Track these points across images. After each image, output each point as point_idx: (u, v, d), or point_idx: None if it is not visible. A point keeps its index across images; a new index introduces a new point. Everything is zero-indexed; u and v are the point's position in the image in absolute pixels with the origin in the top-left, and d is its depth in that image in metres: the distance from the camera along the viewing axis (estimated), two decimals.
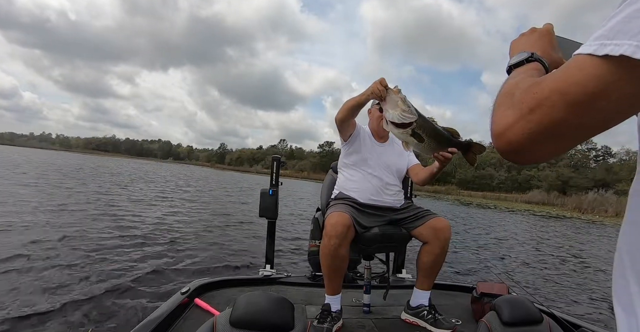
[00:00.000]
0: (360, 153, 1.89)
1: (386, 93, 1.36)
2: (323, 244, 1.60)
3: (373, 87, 1.43)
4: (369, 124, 2.01)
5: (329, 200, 1.99)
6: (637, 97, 0.33)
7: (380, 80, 1.42)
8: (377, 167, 1.88)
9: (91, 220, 5.95)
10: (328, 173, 2.28)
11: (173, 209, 8.72)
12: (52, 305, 2.57)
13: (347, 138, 1.89)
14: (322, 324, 1.56)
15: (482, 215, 16.44)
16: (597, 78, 0.33)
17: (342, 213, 1.62)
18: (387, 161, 1.92)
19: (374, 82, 1.44)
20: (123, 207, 7.82)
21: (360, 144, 1.90)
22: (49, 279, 3.08)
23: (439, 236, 1.71)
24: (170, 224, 6.43)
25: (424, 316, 1.73)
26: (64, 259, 3.70)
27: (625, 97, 0.33)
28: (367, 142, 1.92)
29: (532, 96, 0.38)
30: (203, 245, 5.07)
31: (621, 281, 0.38)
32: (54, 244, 4.24)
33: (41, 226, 5.12)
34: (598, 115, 0.34)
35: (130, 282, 3.19)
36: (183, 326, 1.50)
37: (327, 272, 1.64)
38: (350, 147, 1.91)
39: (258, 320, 0.92)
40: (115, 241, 4.69)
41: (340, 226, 1.57)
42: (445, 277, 4.32)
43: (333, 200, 1.91)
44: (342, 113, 1.72)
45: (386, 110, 1.32)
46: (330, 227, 1.58)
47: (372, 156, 1.89)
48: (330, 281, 1.65)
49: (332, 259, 1.59)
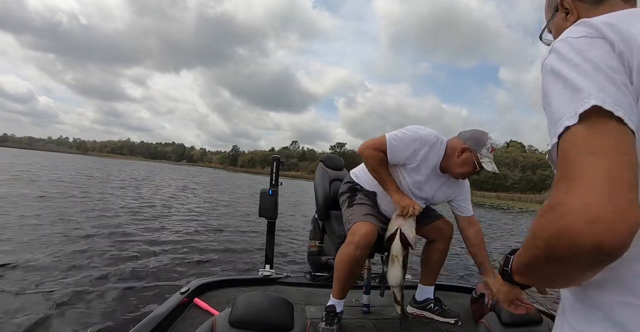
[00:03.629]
0: (412, 174, 1.63)
1: (414, 214, 1.52)
2: (347, 252, 1.54)
3: (409, 204, 1.52)
4: (447, 156, 1.61)
5: (327, 196, 1.95)
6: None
7: (418, 205, 1.53)
8: (421, 194, 1.69)
9: (91, 220, 6.05)
10: (318, 167, 2.15)
11: (173, 209, 8.83)
12: (51, 305, 2.61)
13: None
14: (332, 326, 1.55)
15: (492, 216, 16.23)
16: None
17: (373, 224, 1.56)
18: (435, 194, 1.70)
19: (412, 201, 1.54)
20: (123, 208, 7.95)
21: (418, 167, 1.61)
22: (49, 279, 3.13)
23: (444, 235, 1.78)
24: (169, 224, 6.51)
25: (431, 308, 1.81)
26: (63, 259, 3.76)
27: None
28: (427, 170, 1.62)
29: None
30: (203, 245, 5.11)
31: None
32: (54, 244, 4.32)
33: (41, 225, 5.23)
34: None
35: (129, 282, 3.23)
36: (182, 325, 1.50)
37: (343, 278, 1.59)
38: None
39: (257, 320, 0.93)
40: (115, 241, 4.75)
41: (371, 238, 1.53)
42: (444, 277, 4.27)
43: (356, 186, 1.77)
44: (370, 167, 1.62)
45: (403, 225, 1.50)
46: (361, 238, 1.51)
47: (423, 182, 1.64)
48: (343, 287, 1.62)
49: (352, 267, 1.56)
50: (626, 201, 0.33)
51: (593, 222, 0.32)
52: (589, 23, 0.45)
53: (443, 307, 1.81)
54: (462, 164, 1.56)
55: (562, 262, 0.36)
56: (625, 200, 0.33)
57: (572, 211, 0.34)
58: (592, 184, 0.34)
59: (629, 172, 0.35)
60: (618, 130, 0.37)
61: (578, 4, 0.60)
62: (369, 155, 1.56)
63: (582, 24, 0.45)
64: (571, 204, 0.34)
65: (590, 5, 0.58)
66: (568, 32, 0.46)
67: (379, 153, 1.55)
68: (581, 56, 0.42)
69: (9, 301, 2.63)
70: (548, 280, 0.45)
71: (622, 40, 0.41)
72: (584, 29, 0.44)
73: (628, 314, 0.40)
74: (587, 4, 0.59)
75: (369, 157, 1.57)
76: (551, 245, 0.36)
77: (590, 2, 0.58)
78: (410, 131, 1.57)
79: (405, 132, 1.56)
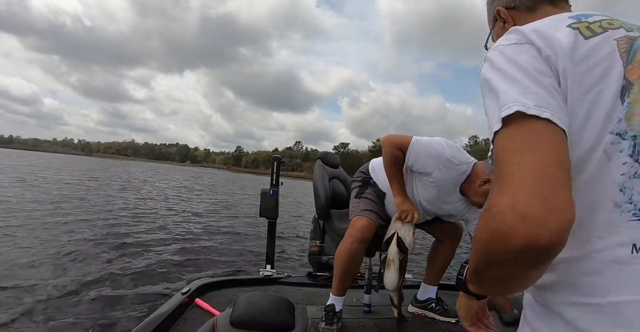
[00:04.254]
0: (427, 188, 1.57)
1: (412, 221, 1.51)
2: (344, 246, 1.56)
3: (409, 210, 1.50)
4: (470, 181, 1.52)
5: (327, 195, 1.95)
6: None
7: (418, 214, 1.51)
8: (433, 208, 1.65)
9: (91, 220, 6.10)
10: (317, 165, 2.11)
11: (173, 209, 8.87)
12: (52, 305, 2.64)
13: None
14: (331, 326, 1.55)
15: None
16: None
17: (370, 219, 1.58)
18: (449, 209, 1.65)
19: (412, 207, 1.52)
20: (124, 208, 8.00)
21: (432, 180, 1.54)
22: (50, 279, 3.16)
23: (452, 237, 1.79)
24: (170, 224, 6.54)
25: (433, 308, 1.82)
26: (64, 259, 3.79)
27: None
28: (440, 184, 1.54)
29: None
30: (203, 245, 5.13)
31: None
32: (55, 244, 4.35)
33: (42, 226, 5.28)
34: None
35: (130, 282, 3.25)
36: (183, 326, 1.50)
37: (341, 274, 1.60)
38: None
39: (258, 320, 0.92)
40: (116, 241, 4.78)
41: (368, 231, 1.56)
42: (446, 277, 4.26)
43: (370, 180, 1.74)
44: (385, 162, 1.58)
45: (400, 229, 1.49)
46: (358, 231, 1.54)
47: (438, 197, 1.59)
48: (342, 283, 1.62)
49: (351, 262, 1.57)
50: (556, 196, 0.34)
51: (523, 220, 0.33)
52: (519, 31, 0.48)
53: (444, 307, 1.82)
54: (481, 195, 1.50)
55: (501, 264, 0.36)
56: (555, 196, 0.34)
57: (503, 210, 0.34)
58: (520, 181, 0.35)
59: (558, 169, 0.35)
60: (546, 130, 0.38)
61: (513, 13, 0.65)
62: (388, 151, 1.52)
63: (513, 32, 0.49)
64: (502, 204, 0.35)
65: (524, 13, 0.63)
66: (501, 40, 0.49)
67: (398, 152, 1.50)
68: (510, 62, 0.44)
69: (10, 301, 2.65)
70: (496, 286, 0.44)
71: (548, 46, 0.44)
72: (514, 36, 0.48)
73: (577, 312, 0.41)
74: (521, 12, 0.63)
75: (387, 153, 1.53)
76: (488, 246, 0.36)
77: (523, 11, 0.63)
78: (439, 146, 1.48)
79: (435, 145, 1.48)
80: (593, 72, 0.42)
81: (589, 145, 0.42)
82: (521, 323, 0.50)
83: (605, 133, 0.41)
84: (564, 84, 0.42)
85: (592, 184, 0.41)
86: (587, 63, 0.43)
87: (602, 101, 0.42)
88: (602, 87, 0.42)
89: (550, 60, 0.43)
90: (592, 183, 0.41)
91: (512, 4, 0.64)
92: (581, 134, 0.42)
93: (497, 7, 0.67)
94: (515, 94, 0.40)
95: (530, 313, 0.48)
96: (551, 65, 0.43)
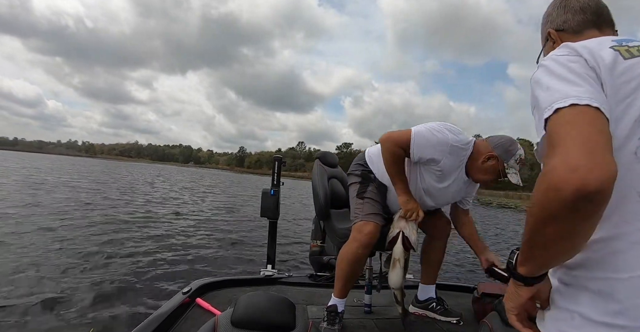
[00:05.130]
0: (436, 180, 1.55)
1: (416, 219, 1.51)
2: (349, 251, 1.55)
3: (414, 208, 1.50)
4: (472, 159, 1.51)
5: (327, 195, 1.94)
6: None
7: (422, 212, 1.52)
8: (437, 198, 1.63)
9: (91, 221, 6.12)
10: (315, 165, 2.09)
11: (174, 210, 8.88)
12: (53, 305, 2.65)
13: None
14: (333, 326, 1.55)
15: (499, 215, 16.19)
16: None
17: (377, 224, 1.56)
18: (454, 195, 1.65)
19: (417, 206, 1.52)
20: (124, 208, 8.03)
21: (442, 172, 1.52)
22: (50, 279, 3.17)
23: (442, 233, 1.78)
24: (171, 224, 6.57)
25: (433, 307, 1.81)
26: (65, 259, 3.81)
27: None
28: (451, 173, 1.53)
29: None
30: (204, 245, 5.14)
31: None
32: (55, 244, 4.37)
33: (42, 226, 5.29)
34: None
35: (131, 282, 3.26)
36: (184, 325, 1.50)
37: (345, 277, 1.59)
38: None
39: (259, 320, 0.93)
40: (116, 241, 4.81)
41: (375, 237, 1.54)
42: (446, 277, 4.25)
43: (369, 175, 1.70)
44: (385, 161, 1.55)
45: (405, 228, 1.50)
46: (365, 237, 1.52)
47: (443, 186, 1.57)
48: (345, 285, 1.62)
49: (355, 265, 1.57)
50: (600, 154, 0.41)
51: (574, 171, 0.40)
52: (569, 46, 0.57)
53: (445, 307, 1.81)
54: (485, 171, 1.48)
55: (557, 216, 0.42)
56: (599, 154, 0.41)
57: (556, 166, 0.42)
58: (571, 143, 0.43)
59: (602, 137, 0.43)
60: (593, 112, 0.46)
61: (562, 35, 0.75)
62: (388, 150, 1.49)
63: (564, 47, 0.58)
64: (555, 163, 0.42)
65: (571, 36, 0.73)
66: (553, 52, 0.59)
67: (399, 150, 1.46)
68: (563, 66, 0.53)
69: (11, 301, 2.66)
70: (550, 249, 0.48)
71: (593, 59, 0.53)
72: (566, 50, 0.57)
73: (605, 286, 0.48)
74: (569, 34, 0.74)
75: (387, 152, 1.50)
76: (544, 201, 0.43)
77: (571, 33, 0.74)
78: (440, 133, 1.44)
79: (435, 132, 1.44)
80: (628, 85, 0.51)
81: (617, 145, 0.48)
82: (550, 310, 0.56)
83: (633, 136, 0.50)
84: (604, 92, 0.50)
85: (622, 178, 0.45)
86: (624, 77, 0.51)
87: (632, 109, 0.50)
88: (634, 98, 0.50)
89: (595, 70, 0.52)
90: (622, 177, 0.45)
91: (561, 27, 0.75)
92: (613, 133, 0.48)
93: (548, 29, 0.77)
94: (568, 90, 0.48)
95: (557, 296, 0.55)
96: (597, 73, 0.52)
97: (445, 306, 1.81)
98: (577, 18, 0.73)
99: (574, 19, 0.73)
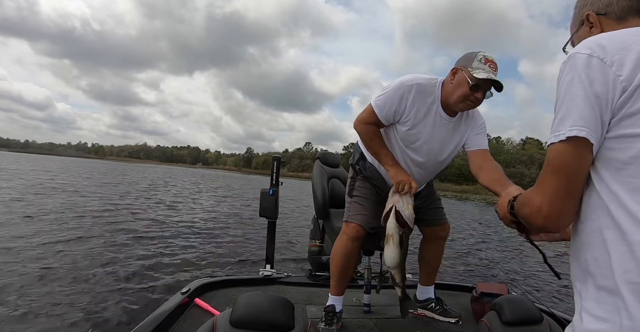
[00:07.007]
0: (411, 131, 1.46)
1: (410, 191, 1.41)
2: (340, 244, 1.59)
3: (405, 180, 1.40)
4: (444, 92, 1.43)
5: (325, 195, 1.94)
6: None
7: (415, 183, 1.42)
8: (425, 154, 1.52)
9: (92, 221, 6.18)
10: (315, 165, 2.11)
11: (174, 209, 8.93)
12: (52, 305, 2.67)
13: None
14: (331, 326, 1.55)
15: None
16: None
17: (360, 226, 1.58)
18: (442, 147, 1.51)
19: (409, 177, 1.42)
20: (124, 208, 8.08)
21: (414, 120, 1.44)
22: (50, 279, 3.19)
23: (440, 236, 1.79)
24: (170, 225, 6.59)
25: (432, 307, 1.81)
26: (64, 259, 3.84)
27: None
28: (425, 118, 1.44)
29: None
30: (203, 245, 5.15)
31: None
32: (55, 244, 4.41)
33: (43, 226, 5.37)
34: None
35: (130, 282, 3.28)
36: (183, 326, 1.51)
37: (338, 272, 1.61)
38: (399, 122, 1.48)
39: (258, 320, 0.93)
40: (116, 241, 4.83)
41: (361, 233, 1.58)
42: (445, 276, 4.24)
43: (361, 162, 1.67)
44: (364, 143, 1.55)
45: (398, 202, 1.41)
46: (353, 229, 1.57)
47: (425, 137, 1.47)
48: (340, 281, 1.63)
49: (347, 259, 1.59)
50: (563, 212, 0.56)
51: (545, 218, 0.57)
52: (602, 47, 0.53)
53: (444, 307, 1.81)
54: (455, 87, 1.36)
55: (531, 226, 0.64)
56: (562, 211, 0.56)
57: (534, 209, 0.58)
58: (547, 197, 0.56)
59: (569, 196, 0.55)
60: (580, 148, 0.52)
61: (603, 19, 0.67)
62: (361, 130, 1.50)
63: (598, 47, 0.53)
64: (535, 204, 0.58)
65: (612, 22, 0.66)
66: (579, 47, 0.55)
67: (370, 126, 1.47)
68: (582, 88, 0.52)
69: (10, 300, 2.69)
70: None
71: (620, 68, 0.50)
72: (589, 49, 0.53)
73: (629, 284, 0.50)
74: (611, 20, 0.66)
75: (361, 133, 1.51)
76: (526, 218, 0.62)
77: (613, 18, 0.66)
78: (392, 83, 1.44)
79: (386, 86, 1.45)
80: None
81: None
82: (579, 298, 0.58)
83: None
84: (629, 94, 0.49)
85: None
86: None
87: None
88: None
89: (616, 81, 0.50)
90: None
91: (603, 10, 0.67)
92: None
93: (587, 11, 0.69)
94: (571, 121, 0.52)
95: (584, 293, 0.57)
96: (615, 85, 0.50)
97: (444, 306, 1.81)
98: (622, 3, 0.66)
99: (618, 3, 0.66)
